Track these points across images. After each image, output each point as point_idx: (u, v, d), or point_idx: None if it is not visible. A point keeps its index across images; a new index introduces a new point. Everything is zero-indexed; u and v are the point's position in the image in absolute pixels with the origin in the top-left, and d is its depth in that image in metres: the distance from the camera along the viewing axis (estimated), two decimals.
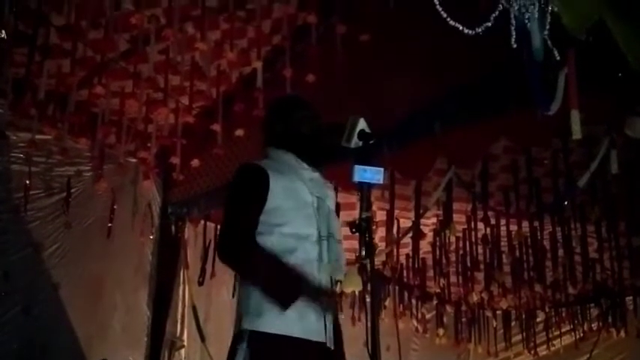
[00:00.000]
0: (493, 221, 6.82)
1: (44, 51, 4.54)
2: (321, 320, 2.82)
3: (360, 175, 2.69)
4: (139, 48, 4.70)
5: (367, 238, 2.69)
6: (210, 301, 6.57)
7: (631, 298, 8.38)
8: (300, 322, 2.76)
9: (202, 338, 6.30)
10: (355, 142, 2.81)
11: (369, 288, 2.81)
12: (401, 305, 8.60)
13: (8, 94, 4.64)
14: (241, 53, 5.06)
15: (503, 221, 6.93)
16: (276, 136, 3.03)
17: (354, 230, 2.71)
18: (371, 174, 2.69)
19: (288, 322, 2.74)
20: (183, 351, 6.40)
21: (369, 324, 2.61)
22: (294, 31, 4.90)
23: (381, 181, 2.71)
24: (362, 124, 2.83)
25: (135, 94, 5.01)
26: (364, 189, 2.73)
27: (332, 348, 2.82)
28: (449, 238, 7.24)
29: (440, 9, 3.57)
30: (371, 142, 2.79)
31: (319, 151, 3.05)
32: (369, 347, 2.55)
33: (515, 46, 3.50)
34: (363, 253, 2.67)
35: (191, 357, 6.43)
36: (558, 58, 3.61)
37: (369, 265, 2.68)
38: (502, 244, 7.26)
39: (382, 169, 2.70)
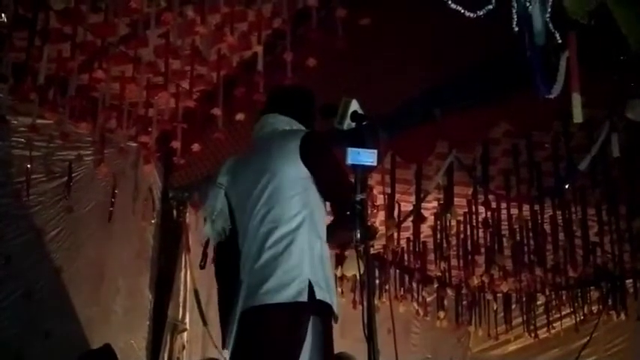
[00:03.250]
0: (494, 205, 6.83)
1: (44, 35, 4.53)
2: None
3: (353, 158, 2.69)
4: (139, 32, 4.68)
5: (362, 221, 2.70)
6: (212, 285, 6.49)
7: (631, 281, 8.40)
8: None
9: (204, 322, 6.32)
10: (348, 123, 2.82)
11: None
12: (402, 289, 8.64)
13: (8, 78, 4.62)
14: (242, 37, 5.04)
15: (503, 205, 6.94)
16: (309, 120, 3.18)
17: (348, 213, 2.73)
18: (364, 156, 2.70)
19: (334, 298, 2.87)
20: (185, 334, 6.42)
21: (365, 307, 2.64)
22: (294, 15, 4.87)
23: (375, 164, 2.71)
24: (354, 105, 2.83)
25: (135, 78, 5.00)
26: (358, 171, 2.74)
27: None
28: (450, 222, 7.25)
29: None
30: (364, 123, 2.79)
31: None
32: (366, 330, 2.57)
33: (516, 29, 3.49)
34: (359, 235, 2.68)
35: (193, 340, 6.45)
36: (560, 41, 3.60)
37: (362, 249, 2.70)
38: (503, 227, 7.27)
39: (375, 151, 2.70)
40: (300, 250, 2.79)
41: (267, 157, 2.99)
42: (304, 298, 2.71)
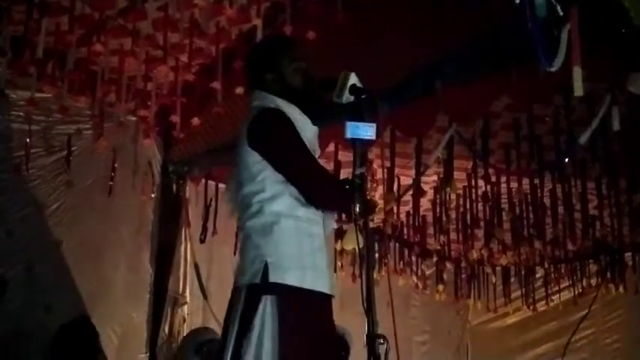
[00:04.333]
0: (493, 179, 6.82)
1: (42, 8, 4.50)
2: (327, 271, 2.91)
3: (352, 132, 2.69)
4: (138, 5, 4.66)
5: (362, 195, 2.70)
6: (212, 259, 6.60)
7: (630, 254, 8.41)
8: (321, 276, 2.84)
9: (204, 295, 6.36)
10: (346, 97, 2.80)
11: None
12: (401, 262, 8.66)
13: (7, 52, 4.61)
14: (241, 10, 5.01)
15: (503, 178, 6.93)
16: (271, 85, 2.99)
17: (347, 187, 2.73)
18: (363, 130, 2.69)
19: (310, 275, 2.79)
20: (185, 308, 6.46)
21: (364, 280, 2.65)
22: None
23: (374, 137, 2.70)
24: (353, 78, 2.81)
25: (134, 51, 4.98)
26: (357, 145, 2.73)
27: (334, 296, 2.90)
28: (449, 196, 7.25)
29: None
30: (363, 96, 2.78)
31: (316, 105, 3.04)
32: (365, 303, 2.58)
33: (517, 1, 3.47)
34: (358, 209, 2.69)
35: (193, 314, 6.49)
36: (561, 14, 3.58)
37: (361, 223, 2.70)
38: (502, 201, 7.27)
39: (374, 125, 2.70)
40: (260, 233, 2.78)
41: (239, 141, 2.96)
42: (257, 279, 2.71)
